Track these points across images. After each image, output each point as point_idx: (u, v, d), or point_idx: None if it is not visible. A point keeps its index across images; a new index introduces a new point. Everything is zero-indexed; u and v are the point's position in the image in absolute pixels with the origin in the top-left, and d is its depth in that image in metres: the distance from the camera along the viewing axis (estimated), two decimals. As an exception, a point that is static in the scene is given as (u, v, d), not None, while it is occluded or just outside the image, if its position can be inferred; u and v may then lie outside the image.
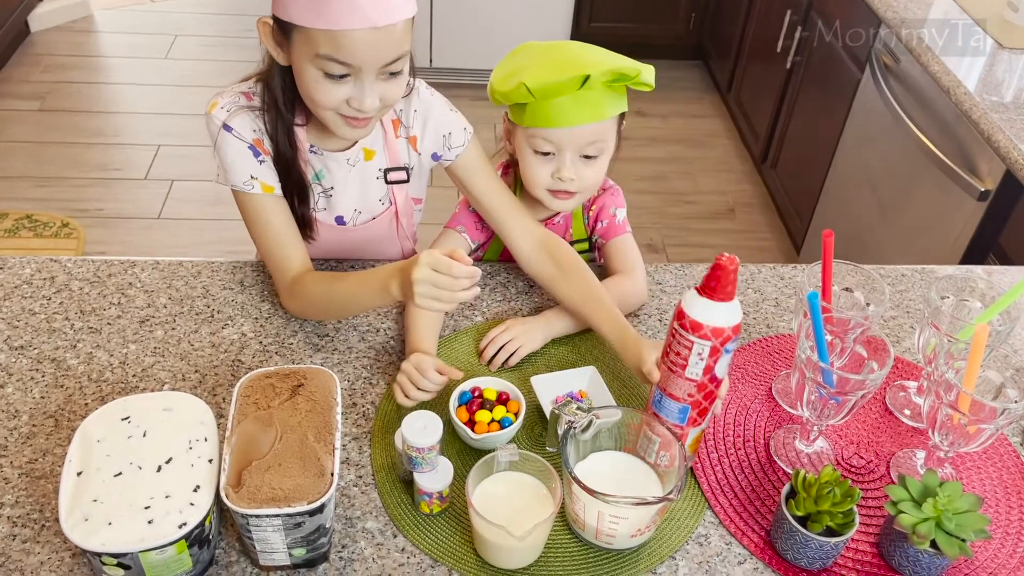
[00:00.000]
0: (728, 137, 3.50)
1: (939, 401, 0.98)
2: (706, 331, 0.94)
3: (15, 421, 1.06)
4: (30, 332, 1.17)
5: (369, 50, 1.02)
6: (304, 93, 1.10)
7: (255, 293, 1.27)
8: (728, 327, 0.94)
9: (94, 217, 2.87)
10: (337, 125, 1.11)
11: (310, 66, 1.05)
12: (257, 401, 0.96)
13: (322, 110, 1.10)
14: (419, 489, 0.97)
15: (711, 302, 0.94)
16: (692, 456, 1.08)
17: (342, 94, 1.07)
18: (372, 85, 1.06)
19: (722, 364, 0.98)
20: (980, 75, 1.91)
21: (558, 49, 1.23)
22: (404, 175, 1.27)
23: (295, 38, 1.04)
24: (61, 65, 3.57)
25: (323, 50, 1.02)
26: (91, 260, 1.29)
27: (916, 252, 2.08)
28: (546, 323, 1.21)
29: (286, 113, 1.16)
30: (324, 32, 1.00)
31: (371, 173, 1.26)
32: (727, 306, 0.94)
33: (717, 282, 0.93)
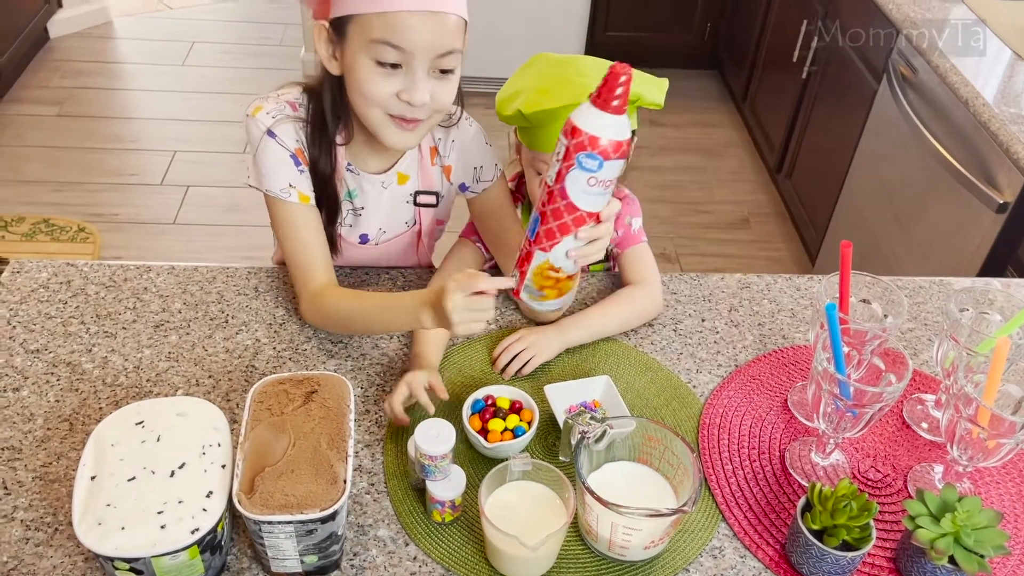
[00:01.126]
0: (743, 147, 3.49)
1: (958, 415, 0.97)
2: (575, 136, 0.88)
3: (30, 424, 1.06)
4: (46, 336, 1.18)
5: (421, 34, 1.03)
6: (355, 91, 1.09)
7: (270, 299, 1.27)
8: (591, 134, 0.87)
9: (110, 222, 2.89)
10: (385, 127, 1.11)
11: (363, 56, 1.05)
12: (271, 407, 0.96)
13: (371, 108, 1.09)
14: (431, 497, 0.96)
15: (595, 110, 0.88)
16: (535, 290, 1.01)
17: (393, 87, 1.07)
18: (424, 78, 1.07)
19: (575, 179, 0.90)
20: (999, 86, 1.90)
21: (564, 67, 1.19)
22: (434, 199, 1.28)
23: (351, 31, 1.05)
24: (80, 71, 3.60)
25: (378, 34, 1.02)
26: (107, 264, 1.29)
27: (933, 264, 2.06)
28: (560, 332, 1.20)
29: (331, 126, 1.16)
30: (379, 16, 1.02)
31: (402, 196, 1.27)
32: (607, 117, 0.88)
33: (602, 89, 0.87)
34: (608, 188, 0.93)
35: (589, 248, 0.97)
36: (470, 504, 1.01)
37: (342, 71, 1.11)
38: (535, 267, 0.98)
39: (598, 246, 0.97)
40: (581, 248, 0.96)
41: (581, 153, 0.88)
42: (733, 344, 1.26)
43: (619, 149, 0.89)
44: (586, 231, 0.94)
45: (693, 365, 1.22)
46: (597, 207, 0.94)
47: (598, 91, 0.88)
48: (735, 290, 1.36)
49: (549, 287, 1.00)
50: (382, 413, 1.12)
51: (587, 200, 0.92)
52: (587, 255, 0.97)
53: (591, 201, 0.92)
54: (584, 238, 0.95)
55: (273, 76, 3.66)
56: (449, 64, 1.08)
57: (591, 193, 0.91)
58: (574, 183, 0.91)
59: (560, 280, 1.00)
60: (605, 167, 0.89)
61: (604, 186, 0.91)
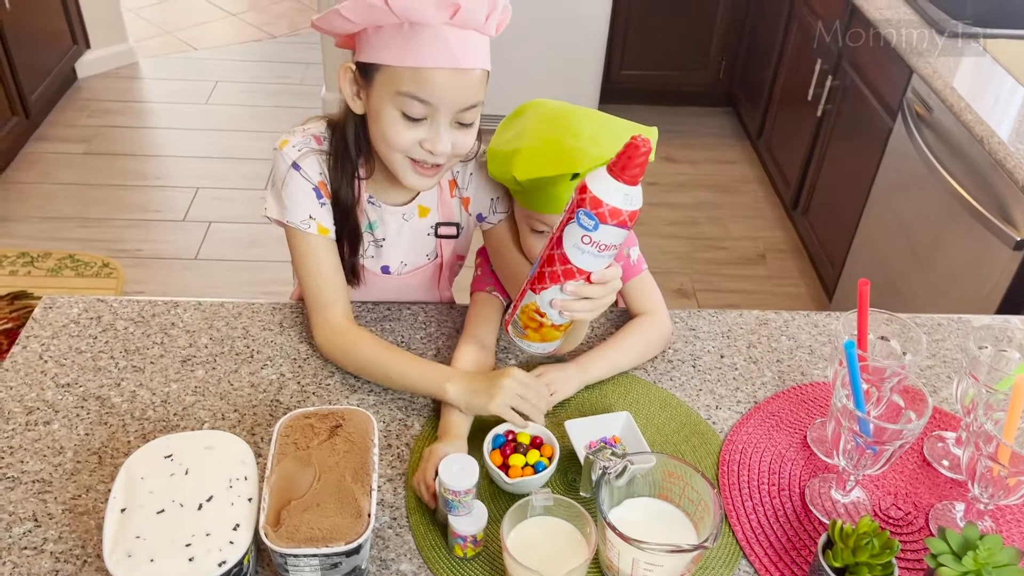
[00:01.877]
0: (758, 183, 3.52)
1: (979, 453, 0.97)
2: (582, 192, 0.92)
3: (60, 457, 1.08)
4: (76, 370, 1.20)
5: (449, 91, 1.06)
6: (378, 135, 1.13)
7: (294, 335, 1.29)
8: (596, 196, 0.90)
9: (134, 257, 2.93)
10: (405, 171, 1.14)
11: (389, 106, 1.08)
12: (296, 441, 0.97)
13: (393, 153, 1.13)
14: (453, 532, 0.97)
15: (608, 176, 0.91)
16: (520, 327, 1.05)
17: (416, 136, 1.10)
18: (447, 130, 1.10)
19: (570, 233, 0.93)
20: (1013, 124, 1.91)
21: (557, 126, 1.14)
22: (455, 230, 1.31)
23: (377, 79, 1.08)
24: (107, 110, 3.68)
25: (406, 87, 1.06)
26: (136, 300, 1.32)
27: (951, 301, 2.07)
28: (580, 369, 1.22)
29: (354, 160, 1.20)
30: (410, 70, 1.05)
31: (423, 230, 1.30)
32: (617, 185, 0.91)
33: (620, 156, 0.90)
34: (604, 251, 0.96)
35: (576, 304, 0.99)
36: (492, 539, 1.01)
37: (365, 111, 1.14)
38: (524, 305, 1.03)
39: (587, 305, 0.99)
40: (567, 302, 0.99)
41: (581, 210, 0.92)
42: (752, 380, 1.27)
43: (618, 216, 0.92)
44: (573, 286, 0.98)
45: (712, 401, 1.23)
46: (589, 266, 0.97)
47: (616, 158, 0.92)
48: (753, 326, 1.37)
49: (532, 329, 1.04)
50: (404, 447, 1.13)
51: (579, 256, 0.96)
52: (572, 310, 0.99)
53: (583, 259, 0.96)
54: (571, 292, 0.98)
55: (294, 114, 3.73)
56: (471, 116, 1.11)
57: (584, 251, 0.95)
58: (569, 236, 0.95)
59: (544, 326, 1.03)
60: (601, 229, 0.93)
61: (599, 248, 0.95)
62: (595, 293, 0.99)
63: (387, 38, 1.05)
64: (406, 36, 1.04)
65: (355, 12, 1.05)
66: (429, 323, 1.33)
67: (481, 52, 1.07)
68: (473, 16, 1.03)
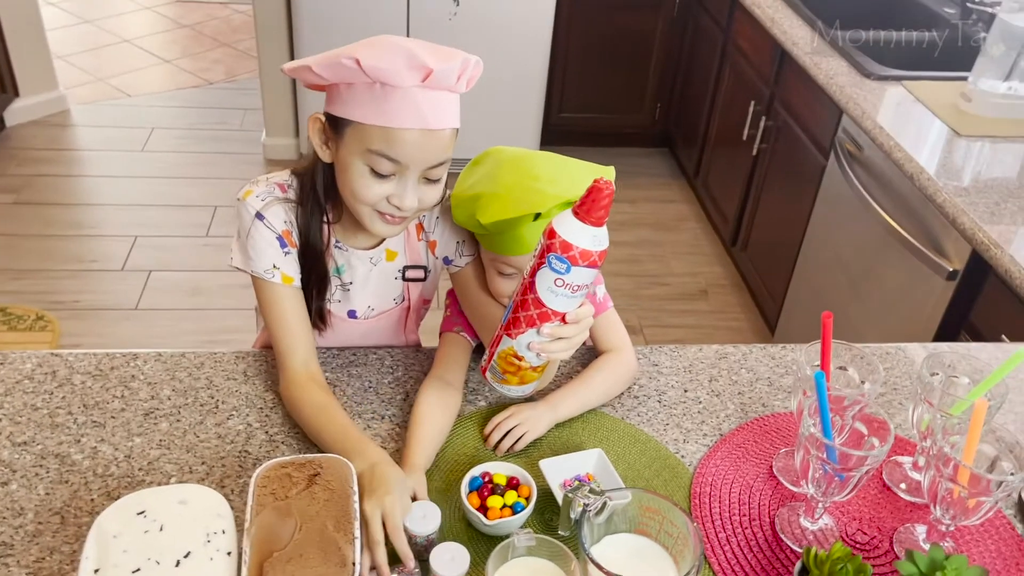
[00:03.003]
0: (696, 220, 3.61)
1: (939, 475, 1.02)
2: (551, 237, 0.95)
3: (20, 519, 1.04)
4: (33, 427, 1.16)
5: (418, 150, 1.08)
6: (346, 188, 1.14)
7: (259, 383, 1.27)
8: (565, 240, 0.93)
9: (71, 309, 2.85)
10: (372, 221, 1.15)
11: (359, 161, 1.09)
12: (275, 491, 0.96)
13: (361, 205, 1.13)
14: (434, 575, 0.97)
15: (574, 219, 0.94)
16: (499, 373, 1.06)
17: (384, 191, 1.11)
18: (414, 186, 1.11)
19: (543, 277, 0.96)
20: (940, 161, 2.02)
21: (517, 170, 1.17)
22: (422, 273, 1.32)
23: (347, 134, 1.09)
24: (37, 159, 3.59)
25: (376, 146, 1.07)
26: (92, 353, 1.29)
27: (889, 330, 2.15)
28: (550, 408, 1.23)
29: (324, 206, 1.20)
30: (380, 129, 1.06)
31: (391, 273, 1.30)
32: (584, 227, 0.93)
33: (584, 200, 0.93)
34: (577, 292, 0.98)
35: (553, 345, 1.01)
36: (474, 583, 1.01)
37: (333, 160, 1.15)
38: (500, 351, 1.05)
39: (563, 345, 1.01)
40: (544, 344, 1.01)
41: (552, 255, 0.95)
42: (716, 413, 1.30)
43: (588, 258, 0.95)
44: (550, 328, 1.00)
45: (680, 435, 1.26)
46: (564, 307, 0.99)
47: (580, 201, 0.95)
48: (713, 360, 1.40)
49: (511, 373, 1.06)
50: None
51: (553, 299, 0.98)
52: (550, 351, 1.01)
53: (558, 301, 0.98)
54: (547, 334, 1.00)
55: (234, 160, 3.70)
56: (439, 173, 1.13)
57: (558, 293, 0.98)
58: (542, 281, 0.97)
59: (523, 369, 1.05)
60: (573, 272, 0.96)
61: (572, 289, 0.98)
62: (570, 332, 1.01)
63: (358, 96, 1.06)
64: (377, 96, 1.05)
65: (326, 70, 1.06)
66: (396, 367, 1.33)
67: (451, 112, 1.09)
68: (444, 78, 1.06)
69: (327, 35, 3.28)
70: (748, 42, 3.03)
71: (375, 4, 3.25)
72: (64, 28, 4.71)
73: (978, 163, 2.04)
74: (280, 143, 3.69)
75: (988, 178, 1.96)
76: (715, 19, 3.34)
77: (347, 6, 3.24)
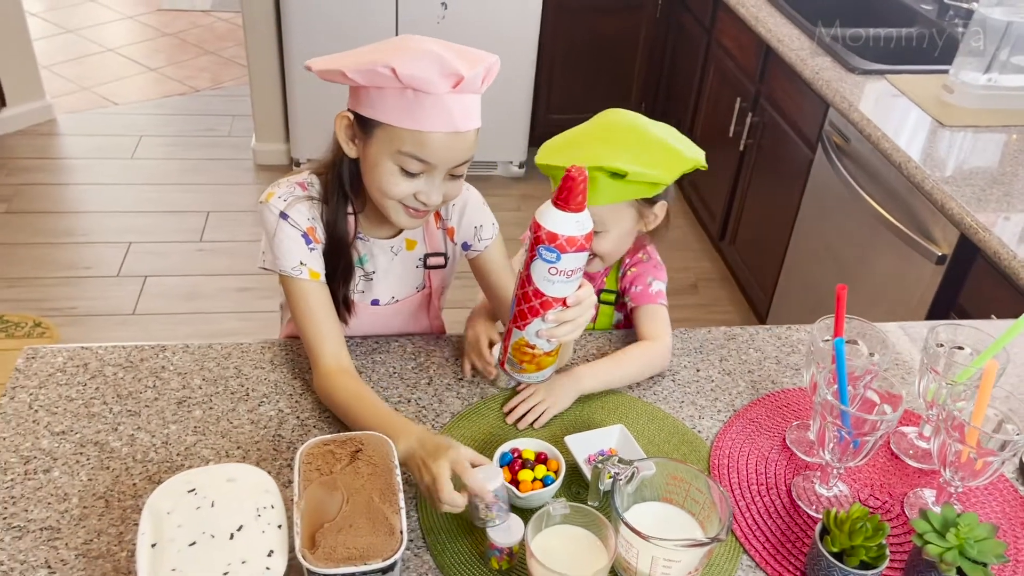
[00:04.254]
0: (683, 217, 3.67)
1: (949, 438, 1.07)
2: (537, 230, 1.01)
3: (65, 504, 1.07)
4: (70, 417, 1.19)
5: (447, 151, 1.12)
6: (373, 184, 1.18)
7: (286, 371, 1.30)
8: (550, 230, 0.99)
9: (67, 315, 2.85)
10: (398, 214, 1.20)
11: (388, 160, 1.13)
12: (319, 467, 1.00)
13: (387, 200, 1.18)
14: (491, 544, 1.01)
15: (554, 209, 1.00)
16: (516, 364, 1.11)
17: (412, 188, 1.16)
18: (440, 183, 1.16)
19: (537, 268, 1.02)
20: (926, 151, 2.09)
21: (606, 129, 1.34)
22: (442, 260, 1.36)
23: (377, 133, 1.13)
24: (26, 168, 3.58)
25: (406, 147, 1.11)
26: (122, 346, 1.31)
27: (880, 315, 2.21)
28: (574, 381, 1.27)
29: (353, 199, 1.24)
30: (411, 132, 1.10)
31: (412, 262, 1.34)
32: (564, 215, 0.99)
33: (560, 190, 0.99)
34: (571, 276, 1.04)
35: (559, 329, 1.07)
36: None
37: (359, 156, 1.19)
38: (513, 343, 1.10)
39: (569, 327, 1.07)
40: (552, 329, 1.06)
41: (540, 246, 1.01)
42: (728, 391, 1.35)
43: (575, 243, 1.01)
44: (554, 314, 1.06)
45: (695, 412, 1.30)
46: (563, 293, 1.05)
47: (557, 191, 1.01)
48: (722, 341, 1.46)
49: (527, 361, 1.12)
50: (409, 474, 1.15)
51: (551, 287, 1.04)
52: (557, 335, 1.07)
53: (555, 288, 1.04)
54: (553, 320, 1.06)
55: (224, 167, 3.71)
56: (463, 169, 1.18)
57: (554, 281, 1.03)
58: (537, 272, 1.03)
59: (537, 356, 1.11)
60: (563, 259, 1.01)
61: (566, 275, 1.03)
62: (574, 315, 1.07)
63: (389, 99, 1.10)
64: (410, 101, 1.09)
65: (360, 76, 1.09)
66: (418, 353, 1.37)
67: (476, 113, 1.14)
68: (472, 84, 1.10)
69: (317, 40, 3.31)
70: (732, 41, 3.10)
71: (364, 8, 3.29)
72: (47, 38, 4.70)
73: (962, 152, 2.12)
74: (270, 148, 3.71)
75: (972, 166, 2.03)
76: (698, 19, 3.41)
77: (336, 11, 3.28)
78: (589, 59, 3.73)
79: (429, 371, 1.34)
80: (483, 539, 1.05)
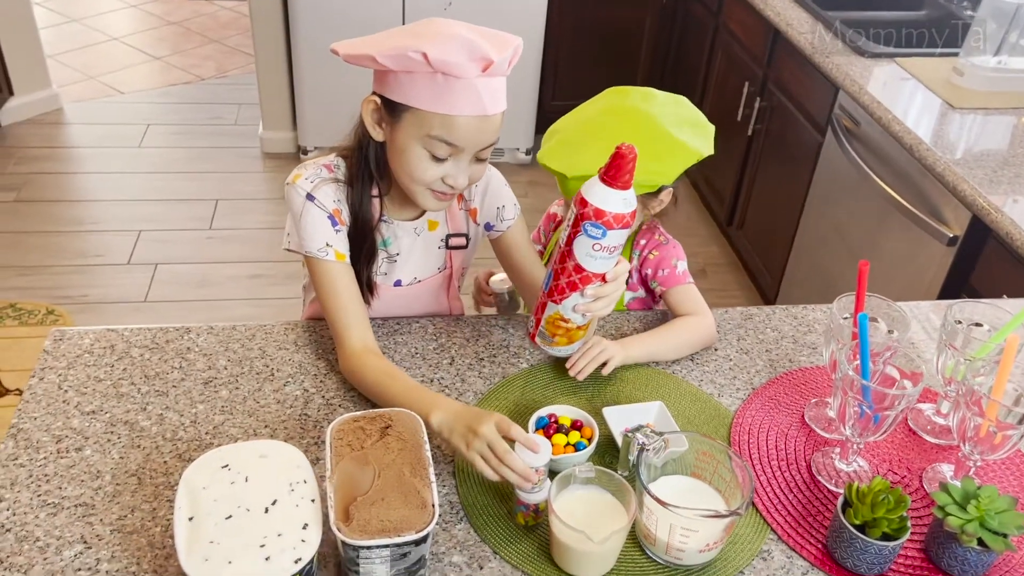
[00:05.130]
0: (691, 203, 3.68)
1: (969, 412, 1.08)
2: (583, 206, 1.02)
3: (99, 481, 1.08)
4: (99, 398, 1.20)
5: (476, 135, 1.14)
6: (401, 168, 1.19)
7: (310, 352, 1.32)
8: (597, 207, 1.01)
9: (80, 303, 2.87)
10: (425, 198, 1.21)
11: (417, 145, 1.15)
12: (350, 443, 1.01)
13: (416, 185, 1.19)
14: (519, 500, 1.04)
15: (601, 185, 1.01)
16: (548, 337, 1.14)
17: (440, 172, 1.17)
18: (467, 166, 1.18)
19: (581, 244, 1.03)
20: (936, 133, 2.10)
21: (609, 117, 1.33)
22: (464, 241, 1.37)
23: (406, 118, 1.14)
24: (34, 157, 3.59)
25: (436, 131, 1.12)
26: (147, 328, 1.33)
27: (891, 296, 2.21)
28: (622, 347, 1.30)
29: (378, 181, 1.25)
30: (441, 116, 1.11)
31: (434, 243, 1.35)
32: (612, 192, 1.01)
33: (609, 167, 1.00)
34: (613, 253, 1.06)
35: (595, 304, 1.10)
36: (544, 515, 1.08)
37: (386, 140, 1.20)
38: (547, 316, 1.12)
39: (604, 302, 1.10)
40: (588, 303, 1.09)
41: (587, 222, 1.02)
42: (747, 369, 1.36)
43: (622, 220, 1.02)
44: (592, 289, 1.08)
45: (714, 390, 1.32)
46: (603, 269, 1.07)
47: (606, 168, 1.02)
48: (739, 321, 1.47)
49: (560, 335, 1.13)
50: (435, 449, 1.17)
51: (592, 263, 1.06)
52: (593, 310, 1.10)
53: (596, 264, 1.06)
54: (591, 295, 1.09)
55: (232, 155, 3.72)
56: (489, 152, 1.19)
57: (596, 257, 1.05)
58: (580, 247, 1.05)
59: (570, 329, 1.13)
60: (608, 235, 1.03)
61: (608, 251, 1.05)
62: (610, 290, 1.10)
63: (419, 84, 1.11)
64: (439, 85, 1.10)
65: (391, 61, 1.10)
66: (439, 334, 1.38)
67: (503, 95, 1.15)
68: (501, 67, 1.12)
69: (324, 27, 3.31)
70: (740, 25, 3.10)
71: (372, -5, 3.30)
72: (52, 27, 4.70)
73: (973, 134, 2.13)
74: (278, 136, 3.71)
75: (983, 148, 2.04)
76: (705, 3, 3.41)
77: (344, -2, 3.28)
78: (595, 45, 3.73)
79: (451, 351, 1.35)
80: (511, 497, 1.08)
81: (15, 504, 1.05)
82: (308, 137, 3.59)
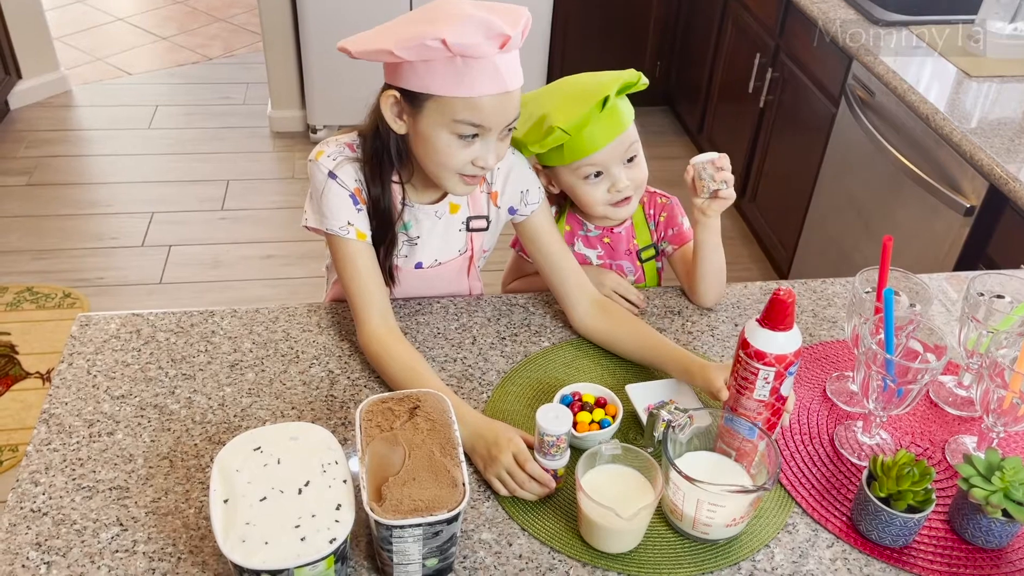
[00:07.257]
0: (702, 176, 3.66)
1: (993, 384, 1.09)
2: (770, 359, 1.05)
3: (131, 464, 1.10)
4: (128, 382, 1.22)
5: (500, 112, 1.14)
6: (429, 158, 1.19)
7: (334, 334, 1.33)
8: (790, 353, 1.05)
9: (96, 286, 2.89)
10: (454, 183, 1.21)
11: (443, 131, 1.14)
12: (380, 424, 1.02)
13: (445, 171, 1.19)
14: (540, 465, 1.06)
15: (772, 332, 1.04)
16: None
17: (469, 155, 1.17)
18: (494, 145, 1.17)
19: (786, 385, 1.08)
20: (952, 102, 2.08)
21: (564, 84, 1.37)
22: (485, 223, 1.37)
23: (428, 107, 1.13)
24: (45, 140, 3.60)
25: (461, 115, 1.12)
26: (172, 312, 1.34)
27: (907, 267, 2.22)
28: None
29: (398, 167, 1.25)
30: (464, 99, 1.11)
31: (455, 225, 1.35)
32: (787, 335, 1.04)
33: (776, 314, 1.03)
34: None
35: None
36: (566, 487, 1.09)
37: (409, 132, 1.20)
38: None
39: None
40: None
41: (791, 367, 1.06)
42: (767, 344, 1.37)
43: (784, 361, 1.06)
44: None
45: (736, 365, 1.33)
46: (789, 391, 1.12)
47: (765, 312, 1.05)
48: (759, 296, 1.47)
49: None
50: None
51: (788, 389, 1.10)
52: None
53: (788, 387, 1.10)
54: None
55: (241, 134, 3.72)
56: (512, 127, 1.19)
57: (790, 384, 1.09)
58: (787, 386, 1.08)
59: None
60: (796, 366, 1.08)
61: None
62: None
63: (438, 70, 1.10)
64: (459, 69, 1.09)
65: (409, 52, 1.09)
66: (460, 314, 1.39)
67: (519, 69, 1.15)
68: (516, 41, 1.11)
69: (332, 5, 3.29)
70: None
71: (379, -29, 3.27)
72: (57, 9, 4.68)
73: (989, 102, 2.11)
74: (287, 115, 3.71)
75: (1000, 116, 2.03)
76: (715, -26, 3.38)
77: (351, -25, 3.26)
78: (604, 19, 3.70)
79: (472, 331, 1.36)
80: None
81: (51, 488, 1.06)
82: (317, 116, 3.58)
